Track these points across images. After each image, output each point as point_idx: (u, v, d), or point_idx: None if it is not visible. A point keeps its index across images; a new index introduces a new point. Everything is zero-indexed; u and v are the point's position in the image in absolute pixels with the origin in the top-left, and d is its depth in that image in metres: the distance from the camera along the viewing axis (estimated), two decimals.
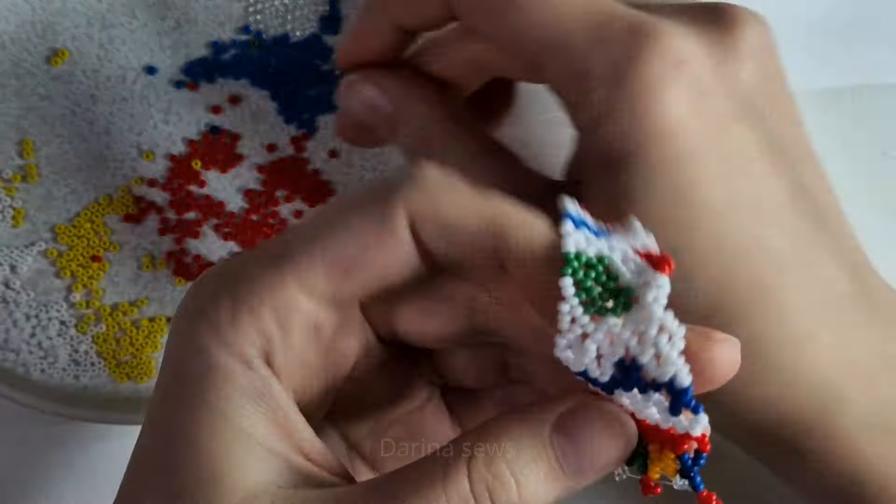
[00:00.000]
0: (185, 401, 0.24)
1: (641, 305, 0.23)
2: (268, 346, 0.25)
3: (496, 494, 0.23)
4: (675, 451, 0.24)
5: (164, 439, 0.25)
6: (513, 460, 0.23)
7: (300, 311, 0.25)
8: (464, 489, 0.23)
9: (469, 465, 0.23)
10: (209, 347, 0.24)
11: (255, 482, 0.23)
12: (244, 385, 0.24)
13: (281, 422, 0.25)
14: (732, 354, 0.23)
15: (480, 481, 0.23)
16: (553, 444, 0.24)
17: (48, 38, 0.40)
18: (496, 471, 0.23)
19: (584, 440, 0.24)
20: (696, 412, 0.23)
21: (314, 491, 0.24)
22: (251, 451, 0.24)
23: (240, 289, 0.25)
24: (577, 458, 0.24)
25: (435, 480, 0.23)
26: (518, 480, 0.23)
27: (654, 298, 0.23)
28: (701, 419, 0.23)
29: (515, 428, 0.24)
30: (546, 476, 0.24)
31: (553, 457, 0.24)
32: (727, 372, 0.23)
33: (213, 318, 0.25)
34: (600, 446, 0.24)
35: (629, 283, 0.23)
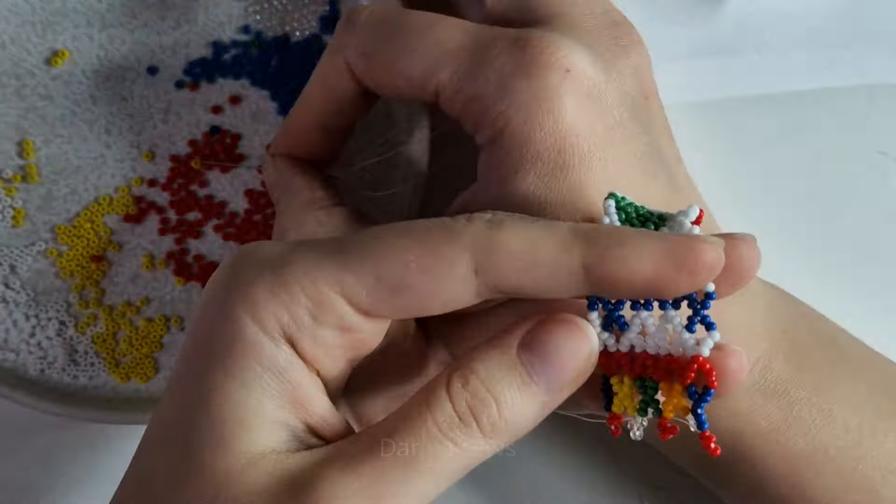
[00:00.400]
0: (209, 366, 0.25)
1: (673, 225, 0.26)
2: (297, 332, 0.25)
3: (478, 412, 0.25)
4: (683, 380, 0.25)
5: (183, 401, 0.26)
6: (486, 378, 0.25)
7: (335, 313, 0.26)
8: (447, 410, 0.25)
9: (448, 388, 0.25)
10: (241, 319, 0.25)
11: (263, 447, 0.25)
12: (267, 360, 0.25)
13: (297, 398, 0.26)
14: (754, 251, 0.25)
15: (460, 400, 0.25)
16: (521, 360, 0.25)
17: (48, 38, 0.40)
18: (473, 389, 0.25)
19: (548, 351, 0.25)
20: (710, 328, 0.25)
21: (315, 450, 0.25)
22: (263, 420, 0.25)
23: (284, 270, 0.25)
24: (545, 367, 0.25)
25: (421, 408, 0.25)
26: (496, 397, 0.25)
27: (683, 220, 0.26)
28: (713, 336, 0.25)
29: (485, 351, 0.26)
30: (520, 391, 0.25)
31: (524, 372, 0.25)
32: (754, 266, 0.25)
33: (251, 292, 0.25)
34: (565, 354, 0.26)
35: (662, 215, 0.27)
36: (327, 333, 0.26)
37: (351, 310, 0.26)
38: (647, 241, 0.24)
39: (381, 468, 0.24)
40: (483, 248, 0.25)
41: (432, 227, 0.26)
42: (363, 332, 0.26)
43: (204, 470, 0.25)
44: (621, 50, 0.32)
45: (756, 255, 0.26)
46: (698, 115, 0.41)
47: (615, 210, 0.27)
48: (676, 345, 0.25)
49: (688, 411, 0.25)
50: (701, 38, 0.41)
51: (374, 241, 0.26)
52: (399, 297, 0.25)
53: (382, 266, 0.25)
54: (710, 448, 0.25)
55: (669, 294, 0.25)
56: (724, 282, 0.25)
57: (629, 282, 0.24)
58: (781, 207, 0.41)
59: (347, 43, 0.33)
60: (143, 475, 0.26)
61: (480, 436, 0.25)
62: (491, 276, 0.25)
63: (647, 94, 0.33)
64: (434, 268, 0.25)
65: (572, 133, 0.30)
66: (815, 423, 0.32)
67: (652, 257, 0.24)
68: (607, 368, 0.27)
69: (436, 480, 0.24)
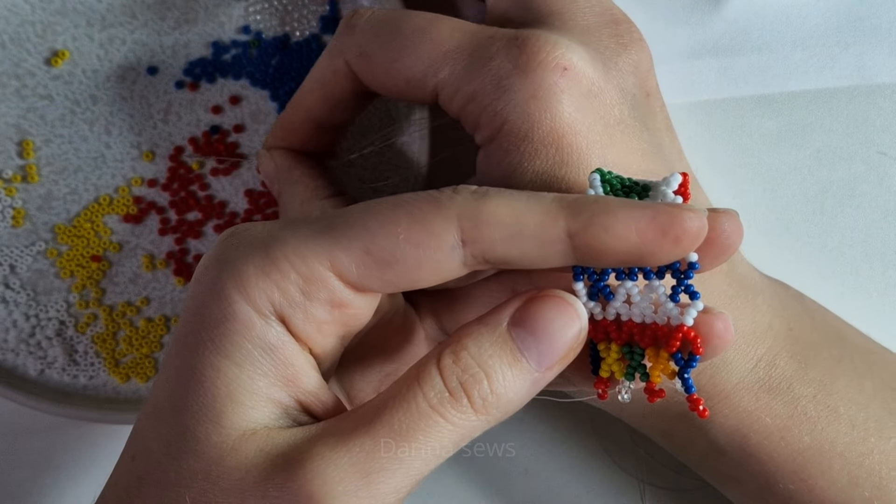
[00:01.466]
0: (200, 343, 0.26)
1: (656, 195, 0.26)
2: (288, 309, 0.26)
3: (469, 386, 0.25)
4: (669, 348, 0.26)
5: (176, 377, 0.26)
6: (476, 354, 0.25)
7: (326, 288, 0.26)
8: (438, 385, 0.25)
9: (439, 363, 0.25)
10: (231, 296, 0.26)
11: (255, 423, 0.25)
12: (257, 337, 0.25)
13: (288, 375, 0.26)
14: (737, 225, 0.26)
15: (451, 375, 0.25)
16: (512, 336, 0.26)
17: (48, 38, 0.40)
18: (464, 364, 0.25)
19: (538, 327, 0.26)
20: (693, 297, 0.25)
21: (306, 426, 0.25)
22: (253, 396, 0.25)
23: (274, 248, 0.26)
24: (536, 343, 0.26)
25: (412, 383, 0.25)
26: (487, 373, 0.25)
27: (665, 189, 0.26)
28: (696, 305, 0.25)
29: (476, 327, 0.26)
30: (511, 366, 0.25)
31: (514, 348, 0.26)
32: (736, 240, 0.26)
33: (242, 270, 0.26)
34: (556, 330, 0.26)
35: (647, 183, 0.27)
36: (318, 309, 0.26)
37: (341, 285, 0.26)
38: (630, 209, 0.25)
39: (372, 444, 0.24)
40: (470, 218, 0.25)
41: (419, 200, 0.26)
42: (354, 307, 0.27)
43: (196, 445, 0.25)
44: (621, 47, 0.32)
45: (738, 228, 0.26)
46: (698, 115, 0.41)
47: (600, 183, 0.27)
48: (662, 313, 0.26)
49: (675, 375, 0.26)
50: (701, 38, 0.41)
51: (363, 216, 0.26)
52: (388, 270, 0.26)
53: (371, 239, 0.25)
54: (699, 410, 0.26)
55: (654, 262, 0.25)
56: (708, 254, 0.26)
57: (614, 250, 0.25)
58: (781, 207, 0.41)
59: (348, 44, 0.33)
60: (137, 450, 0.27)
61: (472, 411, 0.25)
62: (478, 247, 0.25)
63: (647, 92, 0.33)
64: (422, 239, 0.25)
65: (570, 131, 0.30)
66: (821, 419, 0.32)
67: (636, 225, 0.24)
68: (594, 335, 0.27)
69: (425, 456, 0.25)
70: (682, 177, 0.27)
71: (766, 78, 0.41)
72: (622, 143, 0.31)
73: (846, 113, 0.41)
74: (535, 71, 0.30)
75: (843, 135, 0.41)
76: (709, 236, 0.25)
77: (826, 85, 0.41)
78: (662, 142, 0.33)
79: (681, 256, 0.25)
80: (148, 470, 0.26)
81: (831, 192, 0.41)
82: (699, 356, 0.25)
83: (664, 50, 0.41)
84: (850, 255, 0.40)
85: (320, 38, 0.41)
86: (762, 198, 0.36)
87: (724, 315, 0.26)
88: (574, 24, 0.32)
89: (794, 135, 0.41)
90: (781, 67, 0.41)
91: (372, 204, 0.26)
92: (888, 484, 0.32)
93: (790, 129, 0.41)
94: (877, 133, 0.41)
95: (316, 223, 0.26)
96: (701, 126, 0.41)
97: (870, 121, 0.41)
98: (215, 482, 0.25)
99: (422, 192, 0.26)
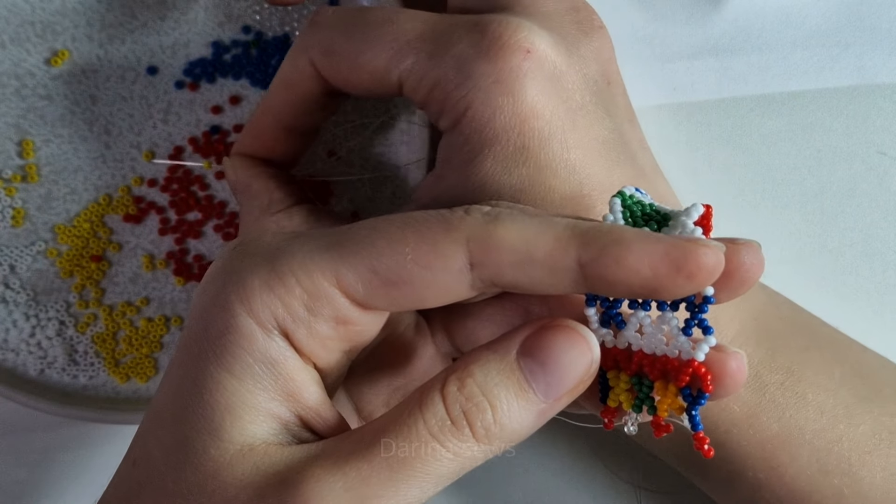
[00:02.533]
0: (202, 354, 0.25)
1: (675, 225, 0.25)
2: (292, 324, 0.25)
3: (472, 416, 0.24)
4: (678, 382, 0.25)
5: (177, 387, 0.26)
6: (482, 383, 0.25)
7: (331, 304, 0.26)
8: (440, 412, 0.24)
9: (443, 390, 0.25)
10: (235, 309, 0.25)
11: (253, 438, 0.25)
12: (259, 351, 0.25)
13: (289, 390, 0.26)
14: (757, 258, 0.25)
15: (455, 403, 0.24)
16: (520, 366, 0.25)
17: (48, 38, 0.40)
18: (468, 393, 0.24)
19: (549, 358, 0.25)
20: (707, 332, 0.25)
21: (305, 445, 0.25)
22: (252, 410, 0.25)
23: (280, 262, 0.25)
24: (545, 375, 0.25)
25: (413, 409, 0.24)
26: (491, 403, 0.24)
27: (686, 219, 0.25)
28: (709, 340, 0.24)
29: (484, 355, 0.25)
30: (517, 397, 0.25)
31: (522, 378, 0.25)
32: (757, 273, 0.25)
33: (247, 283, 0.25)
34: (566, 362, 0.25)
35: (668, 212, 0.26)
36: (323, 326, 0.26)
37: (347, 302, 0.26)
38: (644, 242, 0.24)
39: (368, 469, 0.24)
40: (479, 241, 0.25)
41: (429, 220, 0.25)
42: (360, 324, 0.26)
43: (194, 457, 0.25)
44: (583, 34, 0.32)
45: (759, 261, 0.25)
46: (698, 115, 0.41)
47: (620, 208, 0.26)
48: (673, 346, 0.25)
49: (682, 411, 0.25)
50: (701, 38, 0.41)
51: (371, 233, 0.25)
52: (394, 290, 0.25)
53: (378, 258, 0.25)
54: (703, 449, 0.25)
55: (666, 296, 0.24)
56: (725, 287, 0.25)
57: (625, 282, 0.24)
58: (781, 207, 0.41)
59: (311, 42, 0.33)
60: (138, 457, 0.27)
61: (473, 441, 0.24)
62: (486, 270, 0.25)
63: (609, 80, 0.33)
64: (430, 261, 0.25)
65: (532, 115, 0.30)
66: (789, 406, 0.32)
67: (649, 258, 0.23)
68: (604, 363, 0.26)
69: (423, 484, 0.24)
70: (705, 208, 0.26)
71: (766, 78, 0.41)
72: (584, 128, 0.31)
73: (846, 113, 0.41)
74: (497, 54, 0.30)
75: (843, 135, 0.41)
76: (727, 269, 0.24)
77: (826, 85, 0.41)
78: (623, 129, 0.33)
79: (695, 292, 0.24)
80: (148, 477, 0.26)
81: (831, 192, 0.41)
82: (708, 394, 0.25)
83: (664, 50, 0.41)
84: (850, 255, 0.40)
85: None
86: (762, 198, 0.36)
87: (739, 354, 0.25)
88: (535, 11, 0.32)
89: (794, 135, 0.41)
90: (781, 67, 0.41)
91: (381, 221, 0.26)
92: (858, 471, 0.32)
93: (790, 129, 0.41)
94: (877, 133, 0.41)
95: (324, 238, 0.26)
96: (701, 126, 0.41)
97: (870, 121, 0.41)
98: (210, 496, 0.24)
99: (433, 210, 0.26)
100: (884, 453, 0.32)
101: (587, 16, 0.33)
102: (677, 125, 0.35)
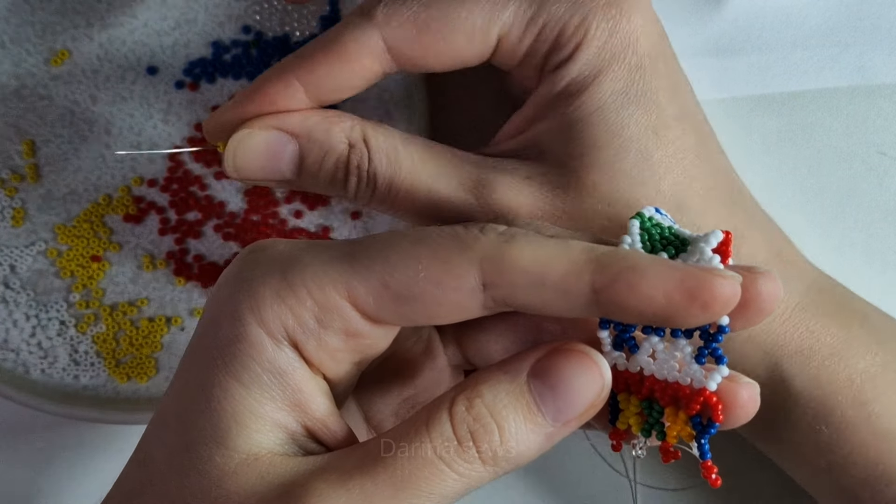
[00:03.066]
0: (210, 360, 0.25)
1: (693, 251, 0.25)
2: (301, 335, 0.25)
3: (479, 437, 0.24)
4: (688, 410, 0.25)
5: (185, 391, 0.26)
6: (491, 404, 0.24)
7: (341, 317, 0.25)
8: (447, 431, 0.24)
9: (451, 409, 0.24)
10: (244, 317, 0.25)
11: (259, 447, 0.25)
12: (267, 360, 0.25)
13: (297, 401, 0.26)
14: (774, 288, 0.25)
15: (462, 423, 0.24)
16: (530, 388, 0.25)
17: (48, 38, 0.40)
18: (476, 413, 0.24)
19: (559, 382, 0.25)
20: (719, 361, 0.24)
21: (310, 457, 0.25)
22: (259, 419, 0.25)
23: (292, 272, 0.25)
24: (555, 400, 0.25)
25: (420, 427, 0.24)
26: (499, 424, 0.24)
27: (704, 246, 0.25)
28: (721, 370, 0.24)
29: (494, 376, 0.25)
30: (526, 420, 0.25)
31: (531, 401, 0.25)
32: (773, 303, 0.25)
33: (258, 291, 0.25)
34: (577, 386, 0.25)
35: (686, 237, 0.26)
36: (332, 338, 0.26)
37: (357, 315, 0.25)
38: (660, 270, 0.23)
39: (372, 486, 0.24)
40: (493, 261, 0.24)
41: (443, 236, 0.25)
42: (370, 337, 0.26)
43: (199, 463, 0.25)
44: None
45: (776, 290, 0.25)
46: None
47: (638, 231, 0.26)
48: (685, 373, 0.25)
49: (692, 438, 0.25)
50: (701, 38, 0.41)
51: (385, 248, 0.25)
52: (405, 305, 0.25)
53: (390, 273, 0.25)
54: (710, 478, 0.25)
55: (681, 325, 0.24)
56: (741, 317, 0.24)
57: (639, 309, 0.24)
58: (781, 207, 0.41)
59: (388, 19, 0.30)
60: (143, 458, 0.27)
61: (479, 462, 0.24)
62: (499, 291, 0.25)
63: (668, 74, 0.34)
64: (442, 279, 0.25)
65: (643, 35, 0.31)
66: (872, 343, 0.32)
67: (663, 287, 0.23)
68: (615, 386, 0.26)
69: (426, 503, 0.24)
70: (724, 235, 0.25)
71: (766, 78, 0.41)
72: (675, 61, 0.32)
73: (846, 113, 0.41)
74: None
75: (843, 135, 0.41)
76: (744, 298, 0.24)
77: (826, 85, 0.41)
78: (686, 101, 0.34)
79: (710, 321, 0.24)
80: (152, 479, 0.26)
81: (831, 192, 0.41)
82: (719, 423, 0.24)
83: None
84: (850, 255, 0.40)
85: None
86: (762, 198, 0.36)
87: (751, 385, 0.25)
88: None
89: (794, 135, 0.41)
90: (781, 67, 0.41)
91: (395, 236, 0.26)
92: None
93: (790, 129, 0.41)
94: (877, 133, 0.41)
95: (337, 249, 0.26)
96: None
97: (870, 121, 0.41)
98: (213, 503, 0.24)
99: (447, 227, 0.26)
100: None
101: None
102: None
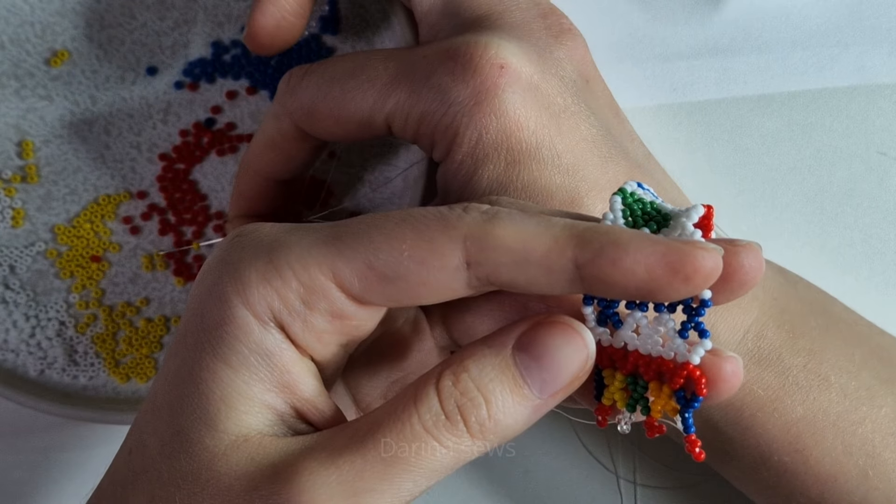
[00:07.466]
0: (198, 344, 0.26)
1: (675, 226, 0.25)
2: (288, 317, 0.25)
3: (466, 411, 0.24)
4: (672, 384, 0.25)
5: (174, 376, 0.26)
6: (477, 378, 0.25)
7: (327, 298, 0.26)
8: (434, 406, 0.24)
9: (438, 384, 0.25)
10: (231, 300, 0.25)
11: (248, 429, 0.25)
12: (255, 342, 0.25)
13: (285, 382, 0.26)
14: (757, 260, 0.25)
15: (449, 398, 0.24)
16: (515, 361, 0.25)
17: (48, 38, 0.40)
18: (463, 387, 0.25)
19: (544, 354, 0.25)
20: (703, 336, 0.25)
21: (300, 437, 0.25)
22: (248, 401, 0.25)
23: (277, 254, 0.26)
24: (540, 371, 0.25)
25: (408, 403, 0.24)
26: (486, 397, 0.25)
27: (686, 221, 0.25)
28: (704, 344, 0.25)
29: (479, 350, 0.25)
30: (512, 392, 0.25)
31: (517, 373, 0.25)
32: (756, 276, 0.25)
33: (244, 274, 0.25)
34: (561, 358, 0.25)
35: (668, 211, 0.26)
36: (318, 319, 0.26)
37: (343, 296, 0.26)
38: (641, 244, 0.24)
39: (362, 463, 0.24)
40: (476, 240, 0.25)
41: (427, 216, 0.25)
42: (356, 318, 0.26)
43: (189, 447, 0.25)
44: (553, 38, 0.33)
45: (759, 263, 0.25)
46: (698, 115, 0.41)
47: (620, 206, 0.26)
48: (669, 348, 0.25)
49: (676, 412, 0.25)
50: (701, 38, 0.41)
51: (369, 229, 0.25)
52: (390, 286, 0.25)
53: (374, 254, 0.25)
54: (695, 452, 0.25)
55: (663, 298, 0.24)
56: (723, 290, 0.25)
57: (622, 284, 0.24)
58: (781, 207, 0.41)
59: (290, 105, 0.34)
60: (134, 446, 0.27)
61: (468, 436, 0.25)
62: (483, 269, 0.25)
63: (587, 78, 0.33)
64: (426, 258, 0.25)
65: (517, 128, 0.30)
66: (812, 389, 0.32)
67: (645, 260, 0.23)
68: (600, 361, 0.27)
69: (416, 478, 0.24)
70: (706, 209, 0.26)
71: (766, 78, 0.41)
72: (570, 130, 0.31)
73: (846, 113, 0.41)
74: (472, 76, 0.31)
75: (843, 135, 0.41)
76: (726, 272, 0.24)
77: (826, 85, 0.41)
78: (610, 124, 0.33)
79: (692, 295, 0.24)
80: (143, 466, 0.26)
81: (831, 192, 0.41)
82: (702, 397, 0.25)
83: (664, 50, 0.41)
84: (850, 255, 0.40)
85: (320, 38, 0.41)
86: (762, 198, 0.36)
87: (734, 358, 0.25)
88: (503, 23, 0.33)
89: (794, 135, 0.41)
90: (781, 67, 0.41)
91: (379, 217, 0.26)
92: (881, 452, 0.32)
93: (790, 129, 0.41)
94: (877, 133, 0.41)
95: (322, 231, 0.26)
96: (701, 126, 0.41)
97: (870, 121, 0.41)
98: (204, 486, 0.25)
99: (432, 207, 0.26)
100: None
101: (556, 20, 0.34)
102: (677, 125, 0.35)
